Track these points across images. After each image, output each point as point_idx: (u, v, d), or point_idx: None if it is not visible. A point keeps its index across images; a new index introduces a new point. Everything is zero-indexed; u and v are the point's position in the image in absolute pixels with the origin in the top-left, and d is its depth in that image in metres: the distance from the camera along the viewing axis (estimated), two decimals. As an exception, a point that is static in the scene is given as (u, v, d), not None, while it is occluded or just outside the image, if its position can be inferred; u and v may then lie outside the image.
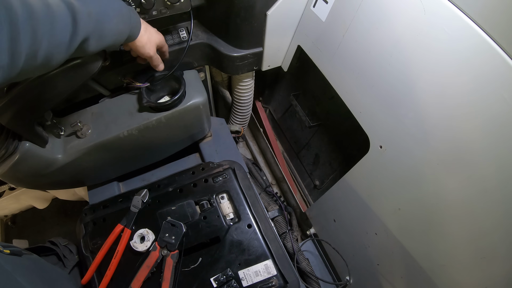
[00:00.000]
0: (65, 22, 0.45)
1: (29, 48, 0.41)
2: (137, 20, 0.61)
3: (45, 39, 0.43)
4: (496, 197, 0.50)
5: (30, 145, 0.64)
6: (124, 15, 0.56)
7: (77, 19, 0.46)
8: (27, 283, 0.46)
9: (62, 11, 0.45)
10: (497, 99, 0.47)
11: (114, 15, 0.53)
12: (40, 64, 0.44)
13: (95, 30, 0.50)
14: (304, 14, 0.84)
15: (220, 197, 0.77)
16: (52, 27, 0.43)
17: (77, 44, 0.48)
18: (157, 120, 0.76)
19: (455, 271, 0.59)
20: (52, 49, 0.44)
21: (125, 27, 0.56)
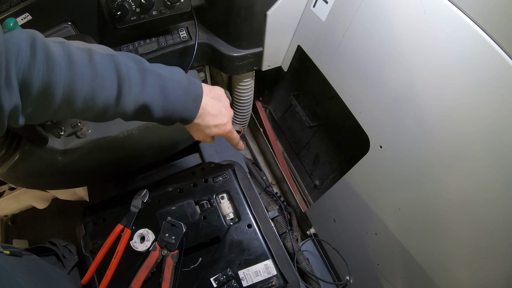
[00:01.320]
0: (109, 95, 0.43)
1: (64, 102, 0.40)
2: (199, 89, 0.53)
3: (82, 98, 0.41)
4: (496, 197, 0.50)
5: (30, 145, 0.64)
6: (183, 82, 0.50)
7: (122, 93, 0.44)
8: (27, 284, 0.46)
9: (110, 84, 0.42)
10: (497, 99, 0.47)
11: (173, 85, 0.48)
12: (76, 114, 0.43)
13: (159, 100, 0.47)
14: (304, 14, 0.84)
15: (220, 197, 0.77)
16: (93, 97, 0.42)
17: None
18: (157, 120, 0.76)
19: (455, 271, 0.59)
20: (88, 108, 0.43)
21: (186, 99, 0.50)
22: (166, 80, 0.47)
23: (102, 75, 0.41)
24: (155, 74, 0.46)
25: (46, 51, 0.37)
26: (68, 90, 0.39)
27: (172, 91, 0.48)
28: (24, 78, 0.36)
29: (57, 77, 0.37)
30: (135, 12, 0.71)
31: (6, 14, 0.63)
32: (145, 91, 0.45)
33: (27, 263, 0.57)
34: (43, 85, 0.37)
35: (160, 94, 0.47)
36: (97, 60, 0.41)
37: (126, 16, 0.70)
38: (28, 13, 0.66)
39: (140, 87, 0.44)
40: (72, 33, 0.73)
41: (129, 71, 0.43)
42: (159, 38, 0.84)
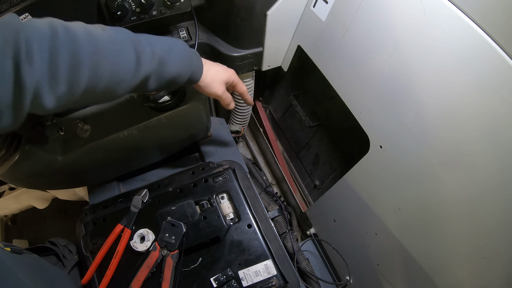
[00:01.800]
0: (129, 60, 0.45)
1: (89, 82, 0.41)
2: (198, 63, 0.59)
3: (106, 75, 0.43)
4: (496, 197, 0.50)
5: (30, 145, 0.64)
6: (185, 58, 0.55)
7: (141, 59, 0.47)
8: (28, 280, 0.46)
9: (127, 49, 0.45)
10: (497, 99, 0.47)
11: (176, 58, 0.53)
12: (98, 97, 0.45)
13: (156, 70, 0.50)
14: (304, 14, 0.84)
15: (220, 197, 0.77)
16: (115, 64, 0.44)
17: (137, 83, 0.48)
18: (157, 120, 0.76)
19: (455, 271, 0.59)
20: (112, 85, 0.45)
21: (185, 70, 0.56)
22: (172, 51, 0.52)
23: (122, 51, 0.45)
24: (162, 43, 0.52)
25: (66, 29, 0.39)
26: (95, 67, 0.41)
27: (175, 59, 0.53)
28: (51, 54, 0.37)
29: (81, 46, 0.39)
30: (135, 12, 0.71)
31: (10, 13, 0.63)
32: (159, 64, 0.50)
33: (28, 261, 0.57)
34: (70, 63, 0.38)
35: (159, 62, 0.51)
36: (109, 30, 0.45)
37: (126, 16, 0.70)
38: (28, 13, 0.66)
39: (155, 62, 0.49)
40: (72, 33, 0.73)
41: (145, 45, 0.48)
42: (159, 38, 0.84)
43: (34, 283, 0.48)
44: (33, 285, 0.46)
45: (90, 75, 0.41)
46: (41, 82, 0.36)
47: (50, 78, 0.37)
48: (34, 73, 0.35)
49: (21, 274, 0.45)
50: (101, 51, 0.42)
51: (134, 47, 0.46)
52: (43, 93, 0.37)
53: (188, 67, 0.56)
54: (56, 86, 0.38)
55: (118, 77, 0.45)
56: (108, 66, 0.43)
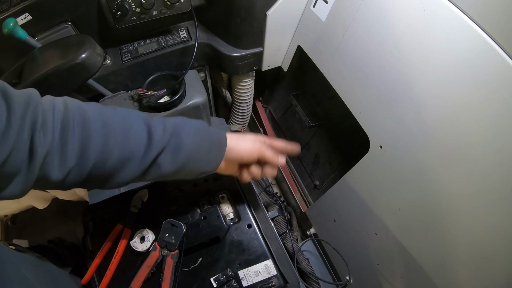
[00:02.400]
0: (140, 134, 0.45)
1: (99, 155, 0.41)
2: (218, 133, 0.54)
3: (117, 149, 0.42)
4: (496, 197, 0.50)
5: (30, 145, 0.64)
6: (200, 129, 0.52)
7: (152, 132, 0.45)
8: (32, 276, 0.46)
9: (138, 124, 0.45)
10: (497, 99, 0.47)
11: (190, 129, 0.50)
12: (109, 173, 0.44)
13: (170, 142, 0.47)
14: (304, 14, 0.84)
15: (220, 197, 0.77)
16: (126, 138, 0.43)
17: (152, 158, 0.45)
18: (157, 120, 0.76)
19: (455, 271, 0.59)
20: (124, 161, 0.44)
21: (203, 142, 0.51)
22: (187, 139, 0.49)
23: (129, 118, 0.45)
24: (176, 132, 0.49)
25: (78, 103, 0.42)
26: (104, 130, 0.42)
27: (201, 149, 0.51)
28: (63, 125, 0.39)
29: (90, 120, 0.41)
30: (135, 12, 0.71)
31: (6, 14, 0.63)
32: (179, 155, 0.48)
33: (31, 259, 0.57)
34: (80, 130, 0.40)
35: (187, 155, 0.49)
36: (120, 109, 0.46)
37: (126, 16, 0.70)
38: (28, 13, 0.66)
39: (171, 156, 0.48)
40: (72, 33, 0.73)
41: (157, 132, 0.47)
42: (159, 38, 0.84)
43: (38, 281, 0.48)
44: (37, 283, 0.46)
45: (99, 148, 0.41)
46: (51, 152, 0.38)
47: (60, 149, 0.38)
48: (46, 143, 0.37)
49: (26, 271, 0.46)
50: (111, 125, 0.42)
51: (145, 122, 0.46)
52: (51, 163, 0.38)
53: (206, 137, 0.52)
54: (66, 157, 0.39)
55: (129, 151, 0.44)
56: (118, 140, 0.42)
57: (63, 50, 0.61)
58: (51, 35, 0.71)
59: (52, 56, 0.60)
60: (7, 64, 0.71)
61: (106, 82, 0.81)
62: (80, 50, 0.59)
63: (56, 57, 0.59)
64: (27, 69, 0.60)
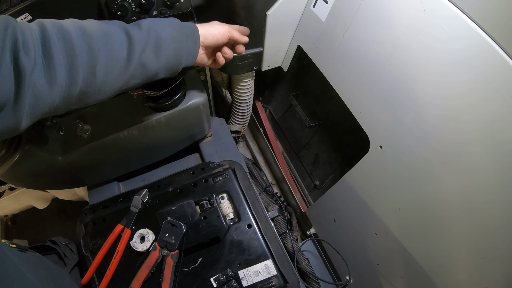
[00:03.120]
0: (119, 36, 0.47)
1: (86, 63, 0.42)
2: (190, 25, 0.59)
3: (102, 53, 0.44)
4: (496, 197, 0.50)
5: (30, 145, 0.64)
6: (173, 22, 0.56)
7: (130, 32, 0.48)
8: (33, 276, 0.46)
9: (114, 28, 0.47)
10: (497, 99, 0.47)
11: (165, 25, 0.54)
12: (101, 81, 0.44)
13: (149, 39, 0.50)
14: (304, 14, 0.84)
15: (220, 197, 0.77)
16: (107, 41, 0.45)
17: (136, 58, 0.48)
18: (157, 120, 0.76)
19: (455, 271, 0.59)
20: (111, 64, 0.45)
21: (179, 34, 0.55)
22: (161, 40, 0.52)
23: (104, 24, 0.47)
24: (151, 32, 0.51)
25: (51, 21, 0.42)
26: (85, 38, 0.42)
27: (168, 48, 0.53)
28: (43, 42, 0.38)
29: (69, 30, 0.41)
30: (135, 12, 0.71)
31: (6, 14, 0.63)
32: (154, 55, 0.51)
33: (32, 258, 0.57)
34: (62, 43, 0.40)
35: (155, 53, 0.51)
36: (92, 20, 0.47)
37: (126, 16, 0.70)
38: (28, 13, 0.66)
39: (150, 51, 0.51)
40: (72, 33, 0.73)
41: (134, 33, 0.49)
42: (159, 38, 0.84)
43: (39, 280, 0.48)
44: (38, 282, 0.46)
45: (85, 56, 0.41)
46: (38, 70, 0.37)
47: (47, 65, 0.38)
48: (30, 62, 0.36)
49: (26, 270, 0.46)
50: (90, 32, 0.43)
51: (120, 26, 0.48)
52: (40, 81, 0.38)
53: (180, 29, 0.55)
54: (55, 72, 0.39)
55: (113, 53, 0.45)
56: (100, 44, 0.43)
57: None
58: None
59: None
60: (7, 64, 0.71)
61: (106, 82, 0.81)
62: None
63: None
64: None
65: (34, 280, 0.46)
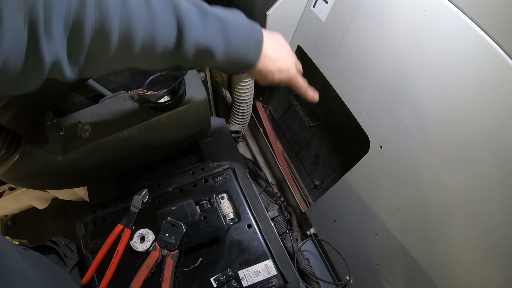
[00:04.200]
0: (168, 20, 0.40)
1: (115, 54, 0.37)
2: (257, 26, 0.52)
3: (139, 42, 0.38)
4: (496, 197, 0.50)
5: (30, 145, 0.64)
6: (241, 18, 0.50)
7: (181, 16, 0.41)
8: (36, 275, 0.46)
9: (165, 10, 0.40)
10: (497, 99, 0.47)
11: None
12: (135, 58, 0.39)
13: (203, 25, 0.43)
14: (304, 14, 0.84)
15: (220, 197, 0.77)
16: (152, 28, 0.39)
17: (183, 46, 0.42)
18: (157, 120, 0.76)
19: (455, 271, 0.59)
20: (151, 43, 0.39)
21: (247, 27, 0.49)
22: (228, 24, 0.46)
23: (161, 17, 0.39)
24: (216, 17, 0.45)
25: None
26: (125, 35, 0.36)
27: (234, 35, 0.47)
28: (75, 26, 0.32)
29: (112, 22, 0.34)
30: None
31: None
32: (207, 35, 0.44)
33: (34, 257, 0.57)
34: (96, 31, 0.34)
35: (222, 38, 0.45)
36: (155, 2, 0.39)
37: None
38: (28, 13, 0.66)
39: (201, 30, 0.43)
40: (72, 33, 0.73)
41: (189, 14, 0.42)
42: (159, 38, 0.84)
43: (41, 279, 0.48)
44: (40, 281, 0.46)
45: (117, 50, 0.37)
46: (60, 57, 0.33)
47: (74, 52, 0.34)
48: (52, 48, 0.31)
49: (30, 269, 0.45)
50: (135, 31, 0.37)
51: (177, 21, 0.40)
52: (63, 67, 0.34)
53: (246, 31, 0.49)
54: (81, 59, 0.35)
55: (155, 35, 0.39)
56: (141, 44, 0.38)
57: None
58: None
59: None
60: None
61: (106, 82, 0.81)
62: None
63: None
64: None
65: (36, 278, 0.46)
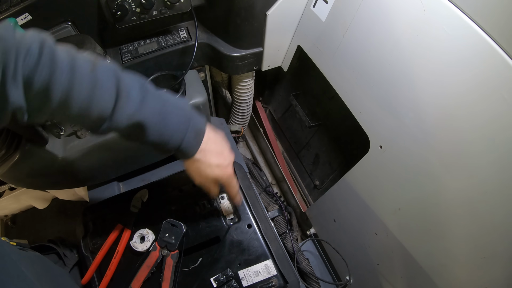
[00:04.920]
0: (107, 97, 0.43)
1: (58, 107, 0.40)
2: (199, 119, 0.52)
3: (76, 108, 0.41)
4: (496, 197, 0.50)
5: (30, 145, 0.64)
6: (181, 108, 0.50)
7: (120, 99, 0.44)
8: (32, 275, 0.46)
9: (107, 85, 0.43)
10: (497, 99, 0.47)
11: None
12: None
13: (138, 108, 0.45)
14: (304, 14, 0.84)
15: (220, 197, 0.77)
16: (90, 100, 0.42)
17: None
18: (157, 120, 0.75)
19: (455, 271, 0.59)
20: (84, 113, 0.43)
21: (182, 119, 0.49)
22: (167, 105, 0.47)
23: (101, 86, 0.42)
24: (156, 96, 0.47)
25: (52, 54, 0.38)
26: (65, 96, 0.39)
27: (171, 116, 0.48)
28: (29, 77, 0.37)
29: (56, 81, 0.38)
30: (135, 12, 0.71)
31: (6, 14, 0.63)
32: (143, 110, 0.45)
33: (31, 256, 0.57)
34: (43, 86, 0.38)
35: (158, 116, 0.46)
36: (99, 71, 0.42)
37: (126, 16, 0.70)
38: (28, 13, 0.66)
39: (137, 105, 0.44)
40: (72, 33, 0.73)
41: (129, 88, 0.44)
42: (159, 38, 0.84)
43: (38, 279, 0.48)
44: (36, 281, 0.46)
45: (57, 107, 0.40)
46: (22, 102, 0.37)
47: (26, 100, 0.38)
48: (15, 94, 0.36)
49: (25, 269, 0.45)
50: (75, 94, 0.40)
51: (116, 92, 0.43)
52: (23, 111, 0.38)
53: (186, 116, 0.49)
54: (30, 106, 0.39)
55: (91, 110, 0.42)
56: (78, 107, 0.41)
57: (63, 50, 0.61)
58: (51, 35, 0.71)
59: (52, 56, 0.61)
60: (7, 64, 0.71)
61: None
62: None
63: (56, 57, 0.59)
64: (27, 69, 0.61)
65: (32, 278, 0.46)
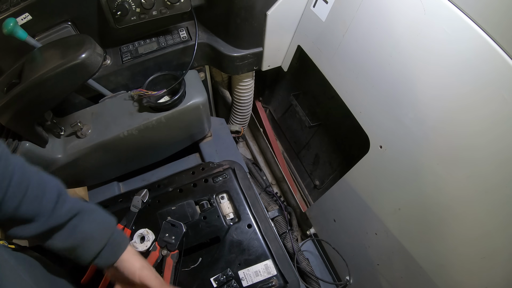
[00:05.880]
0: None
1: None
2: (122, 238, 0.54)
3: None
4: (496, 197, 0.50)
5: (30, 145, 0.64)
6: (105, 222, 0.54)
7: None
8: (29, 278, 0.46)
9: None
10: (497, 99, 0.47)
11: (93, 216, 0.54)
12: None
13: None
14: (304, 14, 0.84)
15: (220, 197, 0.77)
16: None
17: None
18: (157, 120, 0.76)
19: (455, 271, 0.59)
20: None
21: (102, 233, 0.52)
22: (83, 214, 0.53)
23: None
24: (72, 206, 0.54)
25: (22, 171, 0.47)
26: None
27: (84, 224, 0.52)
28: None
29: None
30: (135, 12, 0.71)
31: (6, 14, 0.63)
32: (56, 217, 0.50)
33: (29, 259, 0.57)
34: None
35: (68, 227, 0.52)
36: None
37: (126, 16, 0.70)
38: (28, 13, 0.66)
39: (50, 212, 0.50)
40: (72, 33, 0.73)
41: (49, 195, 0.52)
42: (159, 38, 0.84)
43: (36, 282, 0.48)
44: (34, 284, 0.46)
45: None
46: None
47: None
48: None
49: (23, 272, 0.46)
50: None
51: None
52: None
53: (110, 224, 0.54)
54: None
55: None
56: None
57: (63, 50, 0.61)
58: (51, 35, 0.71)
59: (52, 56, 0.60)
60: (7, 64, 0.71)
61: (106, 82, 0.81)
62: (80, 50, 0.59)
63: (56, 57, 0.59)
64: (27, 69, 0.60)
65: (30, 281, 0.46)
